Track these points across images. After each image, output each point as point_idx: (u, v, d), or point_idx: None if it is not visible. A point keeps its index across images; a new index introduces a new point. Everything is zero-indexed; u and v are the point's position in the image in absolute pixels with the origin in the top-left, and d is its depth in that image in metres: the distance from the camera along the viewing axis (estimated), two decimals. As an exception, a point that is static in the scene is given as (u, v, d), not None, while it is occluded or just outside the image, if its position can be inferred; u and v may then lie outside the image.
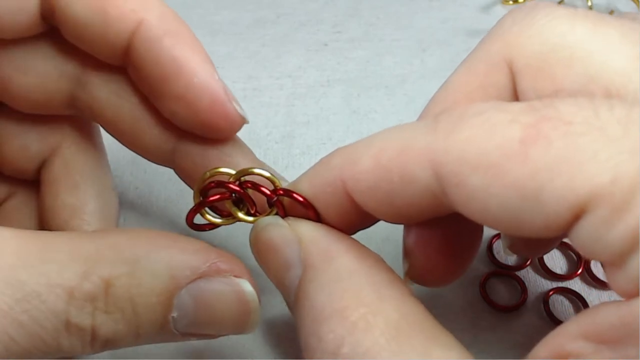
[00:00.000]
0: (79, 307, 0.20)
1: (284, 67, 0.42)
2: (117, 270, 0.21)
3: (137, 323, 0.22)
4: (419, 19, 0.45)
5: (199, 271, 0.22)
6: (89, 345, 0.21)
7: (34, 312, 0.20)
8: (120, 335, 0.22)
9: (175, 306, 0.22)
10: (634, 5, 0.45)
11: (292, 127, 0.39)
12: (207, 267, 0.22)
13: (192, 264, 0.22)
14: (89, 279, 0.21)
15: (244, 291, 0.23)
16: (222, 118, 0.25)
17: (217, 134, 0.26)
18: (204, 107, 0.25)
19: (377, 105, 0.40)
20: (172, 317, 0.22)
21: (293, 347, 0.31)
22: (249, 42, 0.43)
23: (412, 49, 0.43)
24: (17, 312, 0.20)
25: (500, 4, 0.46)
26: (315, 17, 0.45)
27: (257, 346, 0.31)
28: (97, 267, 0.21)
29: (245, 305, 0.23)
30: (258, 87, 0.41)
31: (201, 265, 0.22)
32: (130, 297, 0.21)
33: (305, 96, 0.41)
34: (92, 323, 0.21)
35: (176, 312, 0.22)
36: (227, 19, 0.44)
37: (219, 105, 0.25)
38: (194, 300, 0.22)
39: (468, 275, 0.34)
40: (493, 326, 0.32)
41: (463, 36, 0.44)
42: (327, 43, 0.43)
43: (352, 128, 0.39)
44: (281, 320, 0.32)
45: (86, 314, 0.21)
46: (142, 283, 0.21)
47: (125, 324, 0.21)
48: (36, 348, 0.20)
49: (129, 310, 0.21)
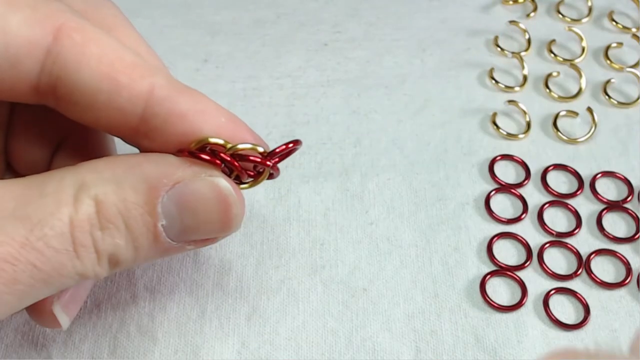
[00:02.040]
0: (79, 229, 0.23)
1: (284, 67, 0.42)
2: (102, 190, 0.23)
3: (133, 236, 0.24)
4: (418, 19, 0.45)
5: (174, 177, 0.24)
6: (98, 264, 0.24)
7: (47, 238, 0.22)
8: (121, 250, 0.24)
9: (162, 214, 0.24)
10: (634, 5, 0.45)
11: (292, 127, 0.39)
12: (181, 172, 0.24)
13: (167, 172, 0.24)
14: (80, 202, 0.23)
15: (220, 187, 0.25)
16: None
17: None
18: (243, 140, 0.26)
19: (377, 105, 0.40)
20: (162, 225, 0.24)
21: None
22: (249, 42, 0.43)
23: (412, 49, 0.43)
24: (33, 241, 0.22)
25: (500, 4, 0.46)
26: (315, 17, 0.45)
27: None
28: (85, 190, 0.23)
29: (224, 200, 0.25)
30: (258, 87, 0.41)
31: (175, 172, 0.24)
32: (119, 212, 0.23)
33: (305, 96, 0.40)
34: (93, 240, 0.23)
35: (164, 220, 0.24)
36: (227, 19, 0.44)
37: (256, 138, 0.27)
38: (177, 205, 0.24)
39: (468, 275, 0.34)
40: (493, 326, 0.32)
41: (463, 36, 0.44)
42: (327, 43, 0.43)
43: (352, 128, 0.39)
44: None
45: (86, 233, 0.23)
46: (127, 197, 0.24)
47: (122, 238, 0.24)
48: (57, 272, 0.23)
49: (121, 224, 0.24)
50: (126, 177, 0.24)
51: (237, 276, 0.33)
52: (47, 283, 0.23)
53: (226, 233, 0.26)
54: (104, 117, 0.25)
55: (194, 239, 0.26)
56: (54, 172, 0.24)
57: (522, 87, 0.41)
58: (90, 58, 0.24)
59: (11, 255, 0.22)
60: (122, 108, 0.24)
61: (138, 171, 0.24)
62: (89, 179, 0.24)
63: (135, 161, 0.25)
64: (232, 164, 0.25)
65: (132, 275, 0.33)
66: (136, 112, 0.25)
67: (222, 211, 0.25)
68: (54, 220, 0.22)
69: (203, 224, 0.25)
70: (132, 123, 0.25)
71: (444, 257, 0.34)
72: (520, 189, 0.37)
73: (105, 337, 0.31)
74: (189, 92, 0.25)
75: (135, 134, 0.25)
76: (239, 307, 0.32)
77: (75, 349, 0.31)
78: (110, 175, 0.24)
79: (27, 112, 0.28)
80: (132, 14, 0.44)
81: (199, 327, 0.32)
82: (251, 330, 0.32)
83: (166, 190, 0.24)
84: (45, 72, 0.24)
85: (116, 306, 0.32)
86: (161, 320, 0.32)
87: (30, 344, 0.31)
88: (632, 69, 0.42)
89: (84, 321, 0.32)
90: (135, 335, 0.31)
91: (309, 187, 0.36)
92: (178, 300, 0.32)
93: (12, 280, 0.22)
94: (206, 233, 0.26)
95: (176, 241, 0.25)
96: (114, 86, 0.24)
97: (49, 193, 0.23)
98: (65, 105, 0.25)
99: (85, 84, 0.24)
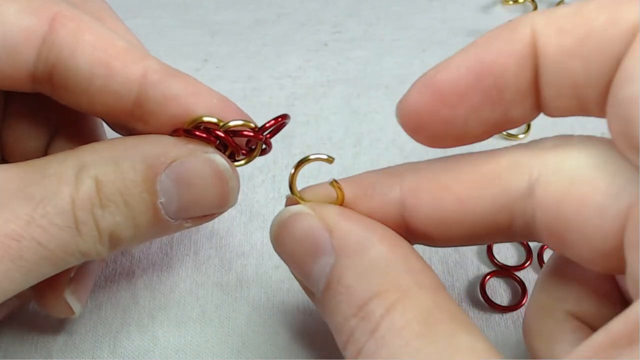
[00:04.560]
0: (80, 207, 0.23)
1: (284, 67, 0.42)
2: (102, 170, 0.24)
3: (132, 213, 0.24)
4: (419, 19, 0.45)
5: (171, 155, 0.25)
6: (99, 242, 0.24)
7: (49, 215, 0.23)
8: (121, 228, 0.24)
9: (160, 192, 0.25)
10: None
11: (292, 127, 0.39)
12: (178, 150, 0.25)
13: (164, 151, 0.25)
14: (81, 181, 0.24)
15: (215, 162, 0.26)
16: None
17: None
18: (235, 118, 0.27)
19: (377, 105, 0.40)
20: (161, 203, 0.25)
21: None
22: (249, 42, 0.43)
23: (412, 49, 0.43)
24: (37, 218, 0.23)
25: (500, 4, 0.46)
26: (315, 17, 0.45)
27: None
28: (85, 171, 0.24)
29: (220, 175, 0.26)
30: (258, 87, 0.41)
31: (172, 150, 0.25)
32: (119, 190, 0.24)
33: (305, 96, 0.40)
34: (94, 218, 0.24)
35: (162, 197, 0.25)
36: (228, 19, 0.44)
37: (247, 117, 0.27)
38: (174, 182, 0.25)
39: (468, 275, 0.34)
40: (493, 326, 0.32)
41: (463, 36, 0.44)
42: (327, 43, 0.43)
43: (352, 128, 0.39)
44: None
45: (87, 211, 0.24)
46: (126, 176, 0.24)
47: (121, 215, 0.24)
48: (60, 249, 0.23)
49: (120, 202, 0.24)
50: (125, 157, 0.24)
51: (237, 276, 0.33)
52: (51, 260, 0.23)
53: (223, 208, 0.27)
54: (99, 102, 0.25)
55: (192, 215, 0.26)
56: (54, 155, 0.25)
57: (522, 87, 0.41)
58: (85, 45, 0.25)
59: (16, 232, 0.22)
60: (116, 92, 0.25)
61: (136, 151, 0.25)
62: (89, 160, 0.24)
63: (132, 142, 0.25)
64: (226, 140, 0.26)
65: (133, 275, 0.33)
66: (130, 96, 0.25)
67: (219, 186, 0.26)
68: (56, 199, 0.23)
69: (201, 199, 0.26)
70: (126, 107, 0.26)
71: (443, 257, 0.34)
72: (520, 189, 0.37)
73: (105, 337, 0.31)
74: (181, 75, 0.26)
75: (130, 118, 0.26)
76: (239, 307, 0.32)
77: (76, 348, 0.31)
78: (109, 156, 0.24)
79: (20, 103, 0.29)
80: (132, 14, 0.44)
81: (199, 327, 0.32)
82: (251, 330, 0.32)
83: (164, 168, 0.25)
84: (42, 60, 0.25)
85: (116, 306, 0.32)
86: (161, 320, 0.32)
87: (30, 344, 0.31)
88: (632, 69, 0.42)
89: (84, 321, 0.32)
90: (135, 335, 0.31)
91: (309, 187, 0.36)
92: (178, 300, 0.32)
93: (17, 256, 0.22)
94: (204, 209, 0.26)
95: (175, 218, 0.25)
96: (108, 71, 0.25)
97: (51, 174, 0.24)
98: (61, 92, 0.26)
99: (80, 69, 0.25)
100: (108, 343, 0.31)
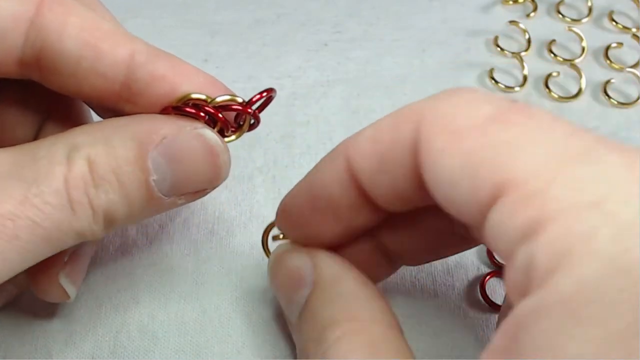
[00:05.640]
0: (73, 187, 0.24)
1: (284, 67, 0.42)
2: (94, 150, 0.24)
3: (126, 192, 0.25)
4: (418, 19, 0.45)
5: (161, 132, 0.25)
6: (94, 221, 0.25)
7: (43, 195, 0.23)
8: (115, 206, 0.25)
9: (152, 169, 0.25)
10: (634, 5, 0.45)
11: (292, 127, 0.39)
12: (168, 127, 0.25)
13: (154, 128, 0.25)
14: (73, 162, 0.24)
15: (205, 137, 0.26)
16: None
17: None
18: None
19: (377, 105, 0.40)
20: (153, 180, 0.25)
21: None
22: (249, 42, 0.43)
23: (412, 49, 0.43)
24: (31, 198, 0.23)
25: (500, 4, 0.46)
26: (315, 17, 0.45)
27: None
28: (77, 151, 0.24)
29: (211, 149, 0.26)
30: (258, 87, 0.40)
31: (162, 127, 0.25)
32: (111, 168, 0.24)
33: (305, 96, 0.41)
34: (88, 197, 0.24)
35: (155, 174, 0.25)
36: (227, 18, 0.44)
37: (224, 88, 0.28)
38: (166, 159, 0.25)
39: (468, 275, 0.34)
40: (493, 327, 0.32)
41: (463, 36, 0.44)
42: (327, 43, 0.43)
43: (352, 128, 0.39)
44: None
45: (80, 190, 0.24)
46: (118, 154, 0.24)
47: (115, 193, 0.25)
48: (56, 228, 0.24)
49: (114, 180, 0.24)
50: (115, 136, 0.25)
51: (237, 276, 0.33)
52: (47, 240, 0.24)
53: (215, 183, 0.27)
54: (87, 85, 0.26)
55: (185, 191, 0.26)
56: (45, 139, 0.25)
57: (522, 87, 0.41)
58: (72, 28, 0.25)
59: (11, 212, 0.23)
60: (104, 74, 0.25)
61: (126, 130, 0.25)
62: (80, 141, 0.25)
63: (122, 122, 0.26)
64: (215, 115, 0.27)
65: (133, 275, 0.33)
66: (118, 77, 0.26)
67: (210, 160, 0.26)
68: (49, 180, 0.23)
69: (193, 175, 0.26)
70: (114, 88, 0.26)
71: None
72: (520, 189, 0.37)
73: (105, 337, 0.31)
74: (168, 56, 0.27)
75: (119, 100, 0.26)
76: (239, 306, 0.32)
77: (76, 348, 0.31)
78: (100, 136, 0.25)
79: (8, 91, 0.29)
80: (132, 14, 0.44)
81: (199, 327, 0.32)
82: (251, 330, 0.32)
83: (154, 145, 0.25)
84: (29, 44, 0.25)
85: (117, 306, 0.32)
86: (161, 320, 0.32)
87: (30, 344, 0.31)
88: (632, 69, 0.42)
89: (84, 321, 0.32)
90: (135, 335, 0.31)
91: (309, 187, 0.36)
92: (178, 300, 0.33)
93: (13, 236, 0.23)
94: (196, 184, 0.27)
95: (168, 195, 0.26)
96: (95, 53, 0.25)
97: (42, 156, 0.24)
98: (49, 76, 0.26)
99: (68, 52, 0.25)
100: (108, 343, 0.31)
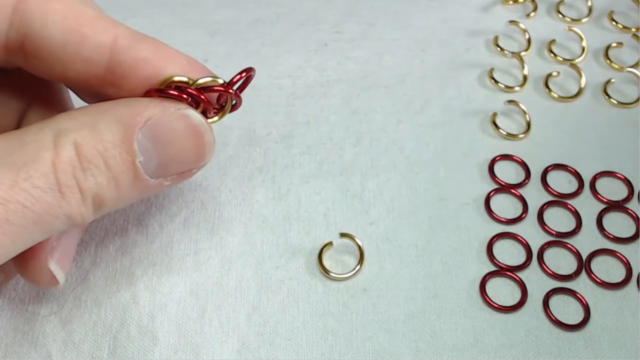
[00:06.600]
0: (62, 171, 0.24)
1: (284, 67, 0.42)
2: (80, 134, 0.25)
3: (113, 174, 0.25)
4: (418, 19, 0.45)
5: (146, 114, 0.26)
6: (83, 205, 0.25)
7: (32, 179, 0.23)
8: (104, 189, 0.25)
9: (138, 151, 0.25)
10: (634, 5, 0.45)
11: (292, 127, 0.39)
12: (152, 109, 0.26)
13: (139, 110, 0.26)
14: (61, 146, 0.24)
15: (189, 117, 0.27)
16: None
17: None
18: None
19: (377, 105, 0.40)
20: (140, 162, 0.25)
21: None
22: (248, 41, 0.43)
23: (411, 49, 0.43)
24: (20, 182, 0.23)
25: (500, 4, 0.46)
26: (315, 17, 0.45)
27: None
28: (63, 136, 0.24)
29: (195, 129, 0.27)
30: (257, 87, 0.41)
31: (146, 109, 0.26)
32: (98, 152, 0.25)
33: (305, 96, 0.40)
34: (76, 181, 0.24)
35: (141, 156, 0.25)
36: (227, 18, 0.44)
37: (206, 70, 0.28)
38: (151, 141, 0.26)
39: (468, 275, 0.34)
40: (493, 326, 0.32)
41: (463, 36, 0.44)
42: (327, 43, 0.43)
43: (352, 128, 0.39)
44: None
45: (69, 174, 0.24)
46: (104, 138, 0.25)
47: (103, 177, 0.25)
48: (46, 212, 0.24)
49: (101, 164, 0.25)
50: (101, 119, 0.25)
51: (237, 276, 0.33)
52: (38, 224, 0.24)
53: (200, 163, 0.28)
54: (71, 70, 0.26)
55: (172, 172, 0.27)
56: (31, 126, 0.25)
57: (522, 87, 0.41)
58: (55, 13, 0.26)
59: (1, 196, 0.23)
60: (88, 59, 0.26)
61: (112, 113, 0.26)
62: (66, 126, 0.25)
63: (107, 106, 0.26)
64: (198, 97, 0.27)
65: (132, 275, 0.33)
66: (102, 62, 0.26)
67: (195, 140, 0.27)
68: (38, 164, 0.24)
69: (178, 155, 0.27)
70: (98, 73, 0.26)
71: (444, 257, 0.34)
72: (520, 189, 0.37)
73: (105, 337, 0.31)
74: (150, 40, 0.27)
75: (103, 84, 0.27)
76: (239, 307, 0.32)
77: (75, 348, 0.31)
78: (86, 120, 0.25)
79: None
80: (132, 14, 0.44)
81: (199, 327, 0.32)
82: (251, 330, 0.32)
83: (140, 127, 0.25)
84: (13, 30, 0.26)
85: (116, 306, 0.32)
86: (161, 320, 0.32)
87: (30, 343, 0.31)
88: (632, 69, 0.42)
89: (84, 321, 0.32)
90: (135, 335, 0.31)
91: (309, 187, 0.36)
92: (178, 300, 0.32)
93: (4, 220, 0.23)
94: (182, 165, 0.27)
95: (154, 177, 0.26)
96: (79, 38, 0.26)
97: (29, 141, 0.24)
98: (33, 62, 0.27)
99: (51, 38, 0.26)
100: (108, 343, 0.31)
